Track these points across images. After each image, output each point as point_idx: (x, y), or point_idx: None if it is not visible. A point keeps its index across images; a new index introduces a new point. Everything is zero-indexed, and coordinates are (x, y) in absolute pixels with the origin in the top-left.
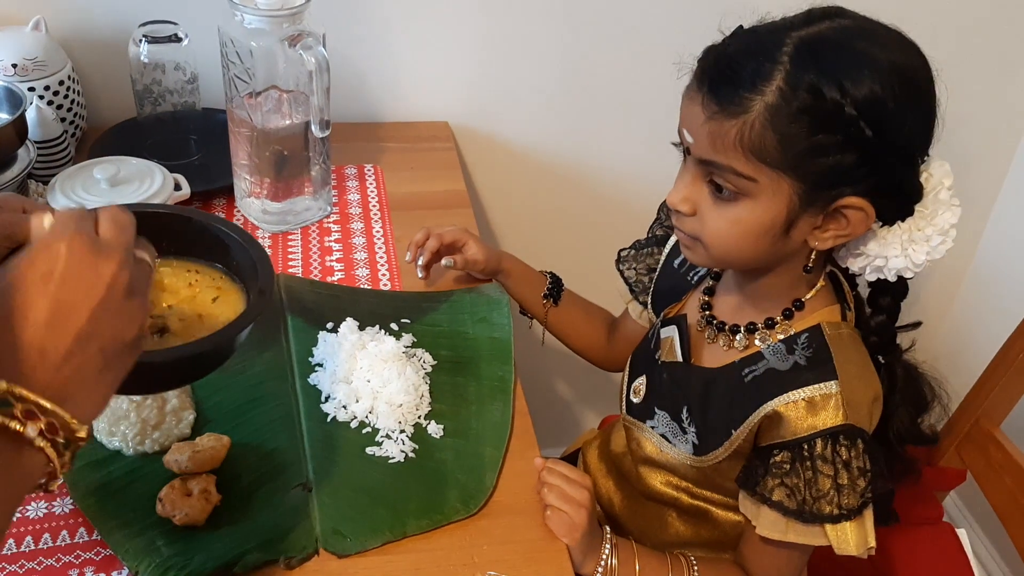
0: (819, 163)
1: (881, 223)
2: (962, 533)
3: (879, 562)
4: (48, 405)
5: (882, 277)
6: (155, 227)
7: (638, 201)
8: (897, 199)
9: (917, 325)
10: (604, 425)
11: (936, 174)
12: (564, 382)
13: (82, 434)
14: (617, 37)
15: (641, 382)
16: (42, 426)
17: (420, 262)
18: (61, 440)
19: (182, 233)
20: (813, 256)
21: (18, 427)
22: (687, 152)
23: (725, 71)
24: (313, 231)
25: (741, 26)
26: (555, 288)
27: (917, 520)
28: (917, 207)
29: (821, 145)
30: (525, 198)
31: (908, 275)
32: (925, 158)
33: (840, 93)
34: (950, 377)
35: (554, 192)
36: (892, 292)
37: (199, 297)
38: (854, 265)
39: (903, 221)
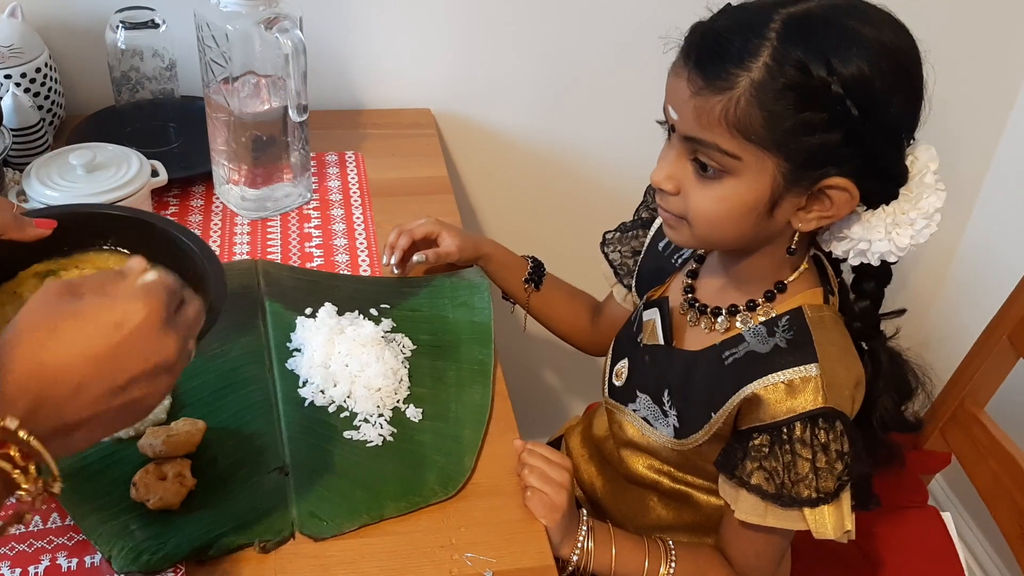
0: (804, 141)
1: (865, 206)
2: (947, 516)
3: (865, 546)
4: (41, 451)
5: (865, 261)
6: (115, 227)
7: (621, 185)
8: (882, 181)
9: (901, 312)
10: (588, 412)
11: (922, 157)
12: (549, 370)
13: (55, 490)
14: (600, 21)
15: (623, 365)
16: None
17: (393, 261)
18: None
19: (143, 237)
20: (796, 238)
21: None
22: (672, 130)
23: (712, 46)
24: (293, 218)
25: (729, 3)
26: (536, 272)
27: (902, 504)
28: (902, 190)
29: (807, 123)
30: (508, 184)
31: (891, 259)
32: (911, 141)
33: (827, 70)
34: (938, 362)
35: (537, 177)
36: (876, 277)
37: None
38: (837, 249)
39: (887, 205)
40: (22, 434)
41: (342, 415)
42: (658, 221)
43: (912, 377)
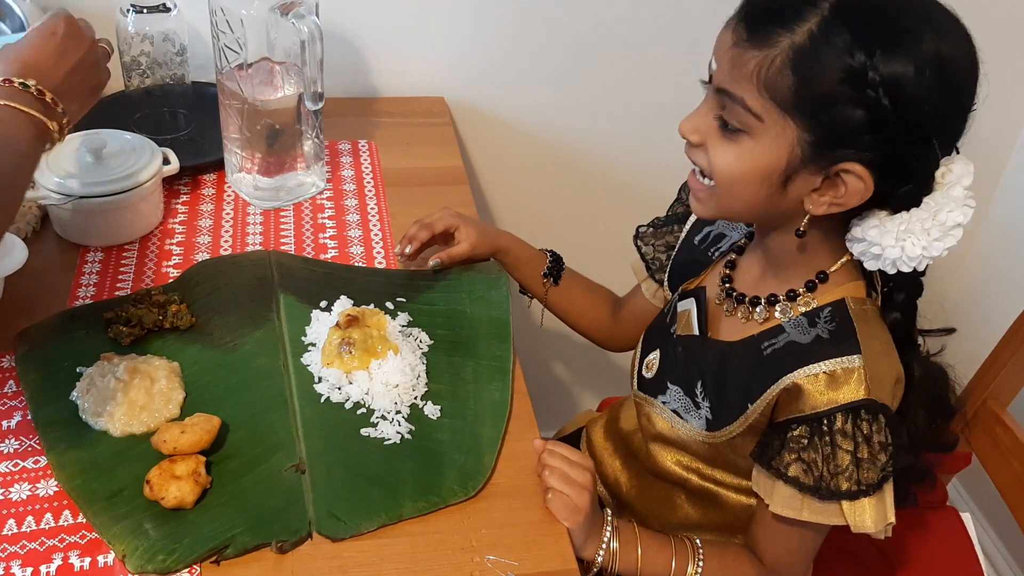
0: (829, 116)
1: (890, 210)
2: (966, 517)
3: (884, 547)
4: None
5: (880, 267)
6: None
7: (639, 178)
8: (901, 182)
9: (950, 331)
10: (603, 407)
11: (956, 171)
12: (561, 364)
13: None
14: (619, 9)
15: (654, 356)
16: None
17: (408, 251)
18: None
19: None
20: (807, 220)
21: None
22: (710, 81)
23: (765, 2)
24: (306, 207)
25: None
26: (555, 267)
27: (922, 504)
28: (925, 199)
29: (836, 99)
30: (523, 174)
31: (905, 268)
32: (952, 153)
33: (867, 57)
34: (953, 359)
35: (552, 169)
36: (906, 289)
37: None
38: (856, 251)
39: (907, 211)
40: (34, 83)
41: (359, 411)
42: (694, 216)
43: (952, 396)
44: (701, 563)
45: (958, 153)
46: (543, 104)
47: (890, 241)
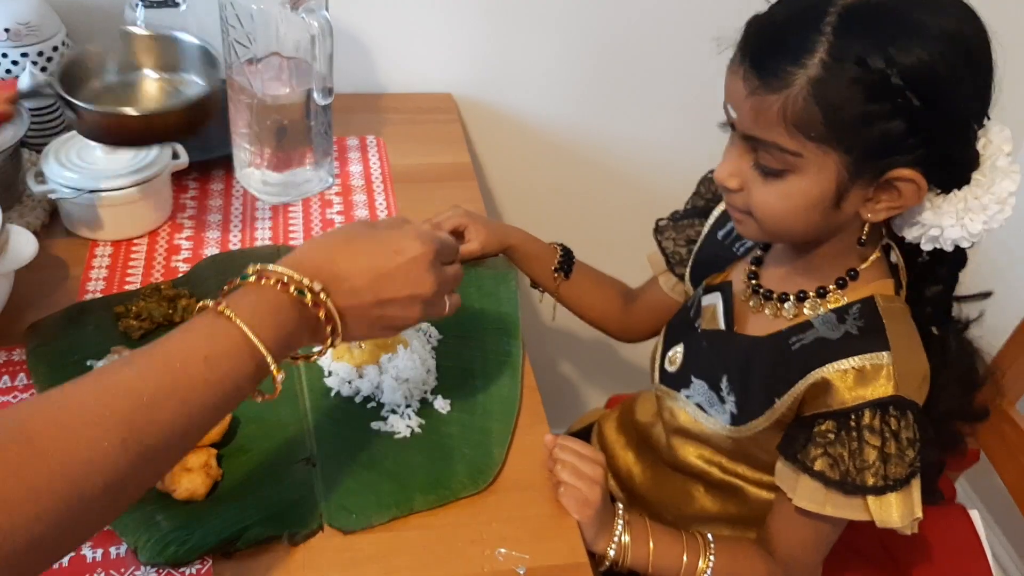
0: (866, 134)
1: (938, 190)
2: (975, 514)
3: (891, 543)
4: (336, 315)
5: (938, 247)
6: None
7: (647, 172)
8: (950, 169)
9: (987, 295)
10: (611, 405)
11: (995, 140)
12: (567, 361)
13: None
14: (628, 5)
15: (678, 351)
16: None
17: None
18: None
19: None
20: (867, 228)
21: (310, 302)
22: (732, 127)
23: (767, 43)
24: (314, 203)
25: None
26: (566, 261)
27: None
28: (974, 175)
29: (868, 116)
30: (530, 171)
31: (965, 244)
32: (984, 123)
33: (886, 62)
34: None
35: (560, 165)
36: (950, 262)
37: None
38: (909, 235)
39: (959, 189)
40: (323, 296)
41: (369, 406)
42: (716, 211)
43: (982, 367)
44: (712, 558)
45: (989, 119)
46: (550, 100)
47: (950, 221)
